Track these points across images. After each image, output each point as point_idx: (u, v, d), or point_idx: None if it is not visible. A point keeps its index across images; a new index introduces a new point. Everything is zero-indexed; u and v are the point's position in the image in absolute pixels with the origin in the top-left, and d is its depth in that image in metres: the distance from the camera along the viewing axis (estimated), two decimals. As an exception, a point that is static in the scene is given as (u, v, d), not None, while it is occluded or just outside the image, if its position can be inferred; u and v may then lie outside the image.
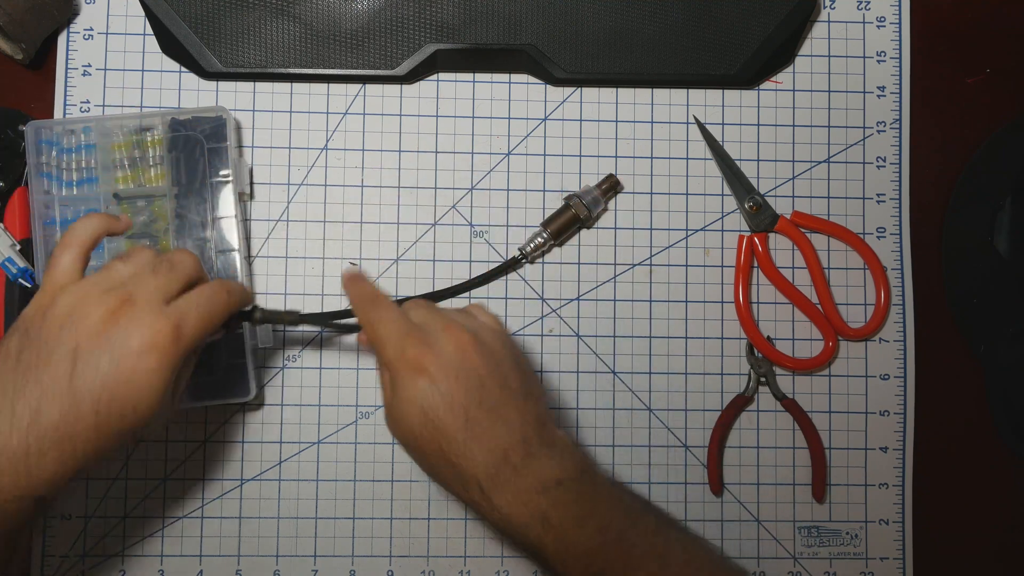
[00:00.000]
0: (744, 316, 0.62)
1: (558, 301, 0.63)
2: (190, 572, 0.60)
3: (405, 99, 0.63)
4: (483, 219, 0.63)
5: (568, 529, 0.45)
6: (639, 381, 0.63)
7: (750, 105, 0.64)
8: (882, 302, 0.63)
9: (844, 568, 0.62)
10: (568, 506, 0.45)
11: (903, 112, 0.65)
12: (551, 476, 0.45)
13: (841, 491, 0.63)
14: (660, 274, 0.63)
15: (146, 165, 0.59)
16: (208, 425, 0.61)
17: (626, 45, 0.62)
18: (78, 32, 0.62)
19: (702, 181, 0.64)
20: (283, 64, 0.61)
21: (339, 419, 0.61)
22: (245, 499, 0.61)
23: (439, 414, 0.44)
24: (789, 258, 0.64)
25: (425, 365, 0.45)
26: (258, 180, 0.62)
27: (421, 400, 0.45)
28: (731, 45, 0.63)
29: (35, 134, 0.58)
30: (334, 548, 0.61)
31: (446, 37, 0.61)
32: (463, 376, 0.45)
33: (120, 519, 0.60)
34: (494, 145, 0.63)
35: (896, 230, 0.64)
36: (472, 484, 0.45)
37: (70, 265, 0.45)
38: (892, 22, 0.65)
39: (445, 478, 0.46)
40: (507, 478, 0.45)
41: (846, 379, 0.63)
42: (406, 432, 0.46)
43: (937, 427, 0.64)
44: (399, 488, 0.61)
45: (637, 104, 0.64)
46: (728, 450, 0.63)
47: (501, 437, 0.45)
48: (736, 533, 0.62)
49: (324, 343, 0.62)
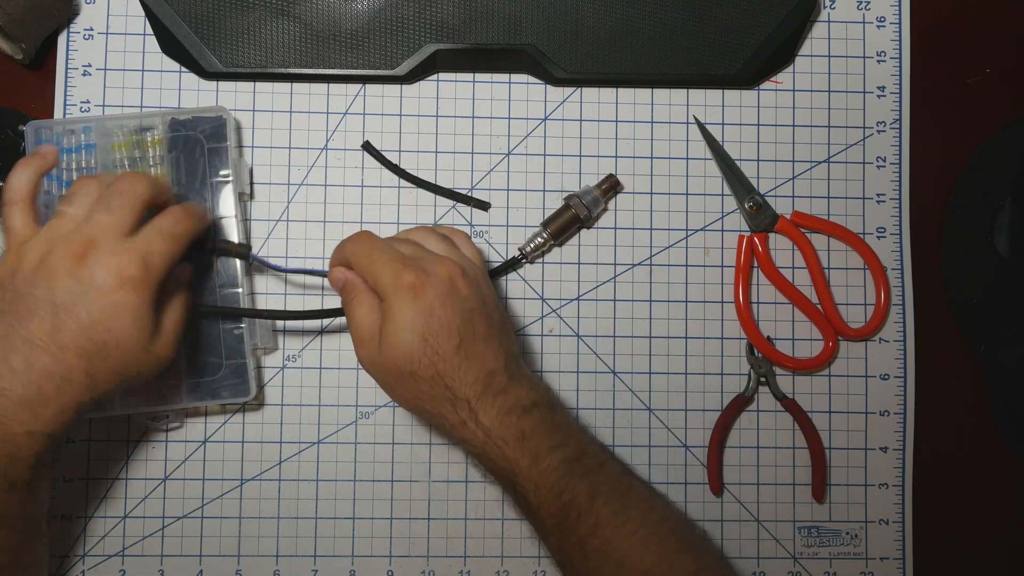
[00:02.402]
0: (744, 316, 0.62)
1: (558, 301, 0.63)
2: (190, 572, 0.60)
3: (405, 99, 0.63)
4: (483, 219, 0.63)
5: (541, 452, 0.48)
6: (639, 381, 0.63)
7: (750, 105, 0.64)
8: (882, 302, 0.63)
9: (844, 568, 0.62)
10: (542, 429, 0.49)
11: (903, 112, 0.65)
12: (528, 399, 0.49)
13: (841, 491, 0.63)
14: (660, 274, 0.63)
15: (146, 165, 0.59)
16: (208, 425, 0.61)
17: (626, 45, 0.62)
18: (78, 32, 0.62)
19: (702, 181, 0.64)
20: (283, 64, 0.61)
21: (339, 419, 0.61)
22: (245, 499, 0.61)
23: (438, 338, 0.47)
24: (789, 258, 0.64)
25: (424, 290, 0.47)
26: (258, 180, 0.62)
27: (421, 323, 0.47)
28: (731, 45, 0.63)
29: (35, 134, 0.58)
30: (334, 548, 0.61)
31: (446, 37, 0.61)
32: (456, 304, 0.48)
33: (120, 519, 0.60)
34: (494, 145, 0.63)
35: (896, 230, 0.64)
36: (462, 404, 0.48)
37: (22, 221, 0.48)
38: (892, 22, 0.65)
39: (434, 400, 0.48)
40: (491, 398, 0.48)
41: (846, 379, 0.63)
42: (400, 356, 0.47)
43: (937, 427, 0.64)
44: (399, 488, 0.61)
45: (637, 104, 0.64)
46: (728, 450, 0.63)
47: (488, 362, 0.49)
48: (736, 533, 0.62)
49: (324, 343, 0.62)
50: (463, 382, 0.48)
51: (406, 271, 0.48)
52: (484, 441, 0.48)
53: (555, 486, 0.48)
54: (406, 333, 0.47)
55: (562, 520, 0.48)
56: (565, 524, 0.48)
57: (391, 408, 0.61)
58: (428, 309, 0.47)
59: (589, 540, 0.48)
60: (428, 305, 0.47)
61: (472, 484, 0.61)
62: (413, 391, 0.49)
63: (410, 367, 0.48)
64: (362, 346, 0.50)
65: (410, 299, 0.47)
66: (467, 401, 0.48)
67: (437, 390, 0.48)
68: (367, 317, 0.49)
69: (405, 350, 0.47)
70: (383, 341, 0.48)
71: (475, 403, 0.48)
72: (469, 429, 0.48)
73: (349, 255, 0.51)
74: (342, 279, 0.51)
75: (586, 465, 0.50)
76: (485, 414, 0.48)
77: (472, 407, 0.48)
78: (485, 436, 0.48)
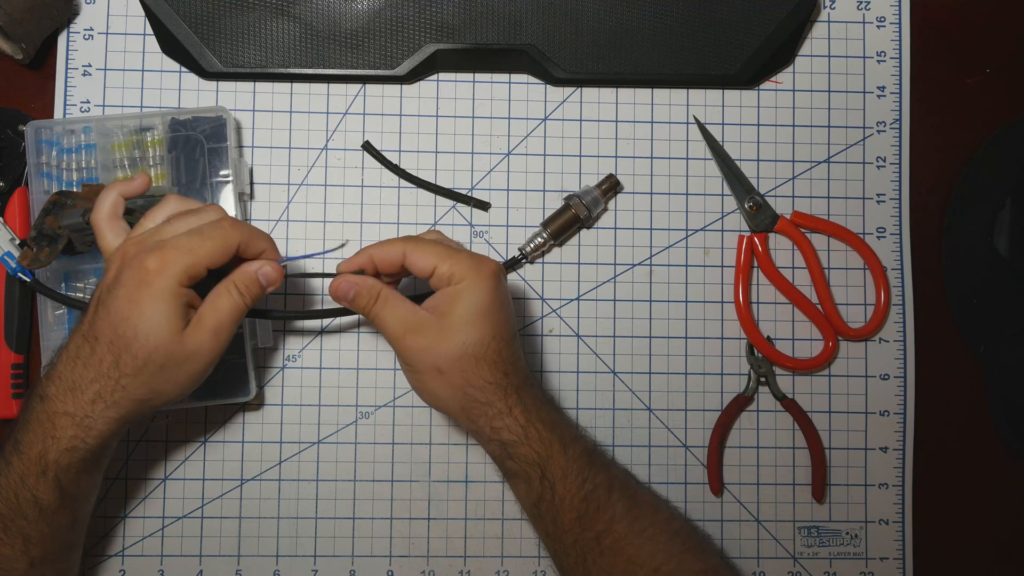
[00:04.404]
0: (744, 316, 0.62)
1: (558, 301, 0.63)
2: (190, 572, 0.60)
3: (405, 99, 0.63)
4: (483, 219, 0.63)
5: (567, 440, 0.51)
6: (639, 381, 0.63)
7: (750, 105, 0.64)
8: (882, 302, 0.63)
9: (844, 568, 0.62)
10: (563, 419, 0.53)
11: (903, 112, 0.65)
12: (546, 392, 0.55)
13: (841, 491, 0.63)
14: (660, 274, 0.63)
15: (146, 165, 0.59)
16: (208, 425, 0.61)
17: (626, 45, 0.62)
18: (78, 32, 0.62)
19: (702, 181, 0.64)
20: (283, 64, 0.61)
21: (339, 419, 0.61)
22: (245, 499, 0.61)
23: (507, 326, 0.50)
24: (789, 258, 0.64)
25: (502, 279, 0.51)
26: (258, 180, 0.62)
27: (498, 309, 0.50)
28: (731, 45, 0.63)
29: (35, 134, 0.58)
30: (334, 548, 0.61)
31: (446, 37, 0.61)
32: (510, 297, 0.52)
33: (120, 519, 0.60)
34: (494, 145, 0.63)
35: (896, 230, 0.64)
36: (512, 391, 0.50)
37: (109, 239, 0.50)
38: (892, 22, 0.65)
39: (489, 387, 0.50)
40: (530, 387, 0.52)
41: (846, 379, 0.63)
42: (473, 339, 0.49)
43: (937, 427, 0.64)
44: (399, 488, 0.61)
45: (637, 104, 0.64)
46: (728, 450, 0.63)
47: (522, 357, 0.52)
48: (736, 533, 0.62)
49: (324, 343, 0.62)
50: (516, 368, 0.51)
51: (485, 259, 0.50)
52: (525, 426, 0.50)
53: (579, 475, 0.50)
54: (484, 317, 0.49)
55: (583, 512, 0.49)
56: (584, 517, 0.49)
57: (391, 408, 0.61)
58: (504, 297, 0.50)
59: (605, 536, 0.49)
60: (505, 293, 0.51)
61: (472, 484, 0.61)
62: (470, 377, 0.49)
63: (480, 350, 0.49)
64: (416, 335, 0.49)
65: (493, 286, 0.49)
66: (516, 388, 0.50)
67: (496, 375, 0.50)
68: (409, 310, 0.50)
69: (479, 333, 0.49)
70: (453, 326, 0.49)
71: (521, 390, 0.51)
72: (513, 415, 0.50)
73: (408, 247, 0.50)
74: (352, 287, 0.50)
75: (601, 458, 0.52)
76: (530, 400, 0.51)
77: (520, 394, 0.50)
78: (527, 422, 0.50)
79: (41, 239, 0.53)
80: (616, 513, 0.50)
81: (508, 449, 0.50)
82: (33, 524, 0.48)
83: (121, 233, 0.50)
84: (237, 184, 0.59)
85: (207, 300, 0.48)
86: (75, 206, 0.53)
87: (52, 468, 0.47)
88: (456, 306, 0.49)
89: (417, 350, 0.49)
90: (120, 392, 0.47)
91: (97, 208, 0.51)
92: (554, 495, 0.50)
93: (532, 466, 0.50)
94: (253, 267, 0.49)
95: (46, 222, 0.53)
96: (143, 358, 0.46)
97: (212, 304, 0.48)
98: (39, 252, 0.53)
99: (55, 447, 0.47)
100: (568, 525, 0.50)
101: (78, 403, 0.47)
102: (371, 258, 0.51)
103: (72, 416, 0.47)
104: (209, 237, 0.47)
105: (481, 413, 0.50)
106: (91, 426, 0.47)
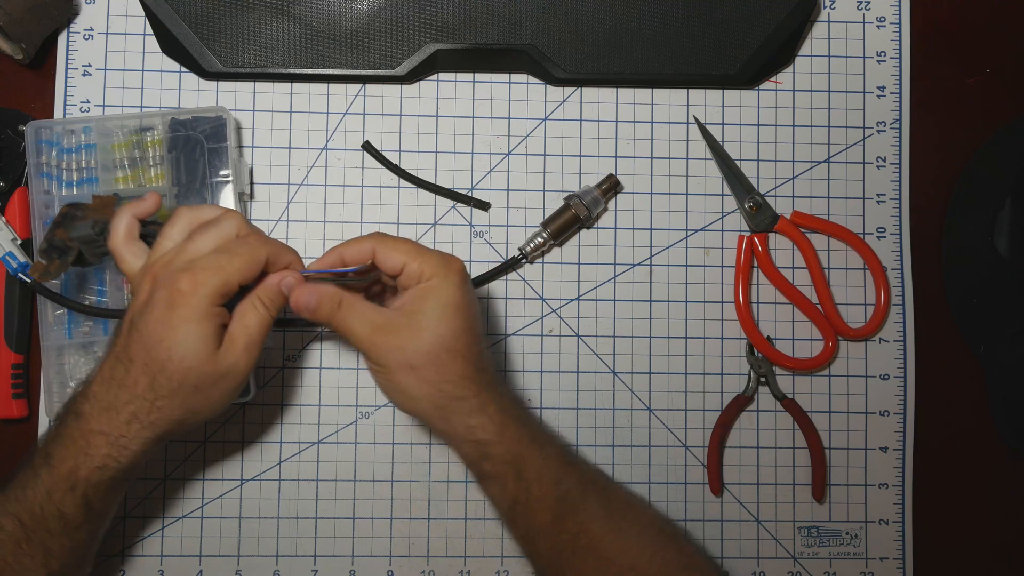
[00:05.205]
0: (744, 316, 0.62)
1: (558, 301, 0.63)
2: (190, 572, 0.60)
3: (405, 99, 0.63)
4: (483, 219, 0.63)
5: (542, 439, 0.51)
6: (639, 381, 0.63)
7: (750, 105, 0.64)
8: (882, 302, 0.63)
9: (844, 568, 0.62)
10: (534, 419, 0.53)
11: (903, 112, 0.65)
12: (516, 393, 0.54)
13: (841, 491, 0.63)
14: (660, 274, 0.63)
15: (146, 165, 0.59)
16: (208, 425, 0.61)
17: (626, 45, 0.62)
18: (78, 32, 0.62)
19: (702, 181, 0.64)
20: (283, 64, 0.61)
21: (339, 419, 0.61)
22: (245, 499, 0.61)
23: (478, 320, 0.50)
24: (789, 258, 0.64)
25: (467, 276, 0.50)
26: (258, 180, 0.62)
27: (467, 304, 0.49)
28: (731, 45, 0.63)
29: (35, 134, 0.58)
30: (334, 548, 0.61)
31: (446, 37, 0.61)
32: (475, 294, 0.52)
33: (120, 519, 0.60)
34: (494, 145, 0.63)
35: (896, 230, 0.64)
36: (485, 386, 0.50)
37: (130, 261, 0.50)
38: (892, 22, 0.65)
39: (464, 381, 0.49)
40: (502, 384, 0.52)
41: (846, 379, 0.63)
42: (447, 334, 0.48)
43: (937, 427, 0.64)
44: (399, 488, 0.61)
45: (637, 104, 0.64)
46: (728, 450, 0.63)
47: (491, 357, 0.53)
48: (736, 533, 0.62)
49: (324, 343, 0.62)
50: (489, 363, 0.51)
51: (453, 258, 0.50)
52: (501, 424, 0.49)
53: (555, 475, 0.50)
54: (456, 313, 0.49)
55: (558, 513, 0.49)
56: (560, 518, 0.49)
57: (391, 408, 0.61)
58: (472, 294, 0.50)
59: (580, 536, 0.49)
60: (472, 291, 0.50)
61: (472, 484, 0.61)
62: (446, 373, 0.49)
63: (453, 343, 0.48)
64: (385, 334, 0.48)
65: (460, 282, 0.49)
66: (488, 385, 0.50)
67: (469, 370, 0.49)
68: (375, 310, 0.49)
69: (452, 327, 0.48)
70: (424, 322, 0.48)
71: (493, 387, 0.50)
72: (487, 413, 0.49)
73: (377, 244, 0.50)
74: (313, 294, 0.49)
75: (575, 458, 0.52)
76: (504, 398, 0.50)
77: (492, 392, 0.50)
78: (502, 421, 0.50)
79: (52, 251, 0.52)
80: (590, 513, 0.49)
81: (483, 449, 0.50)
82: (55, 537, 0.48)
83: (140, 254, 0.50)
84: (237, 184, 0.59)
85: (235, 318, 0.48)
86: (85, 218, 0.52)
87: (82, 485, 0.47)
88: (426, 303, 0.48)
89: (388, 348, 0.49)
90: (156, 413, 0.47)
91: (113, 233, 0.50)
92: (529, 497, 0.49)
93: (507, 467, 0.50)
94: (275, 279, 0.49)
95: (56, 234, 0.53)
96: (178, 380, 0.46)
97: (240, 322, 0.48)
98: (50, 264, 0.52)
99: (87, 464, 0.47)
100: (543, 526, 0.49)
101: (113, 423, 0.47)
102: (341, 256, 0.51)
103: (107, 435, 0.47)
104: (238, 254, 0.47)
105: (456, 409, 0.49)
106: (126, 446, 0.47)
